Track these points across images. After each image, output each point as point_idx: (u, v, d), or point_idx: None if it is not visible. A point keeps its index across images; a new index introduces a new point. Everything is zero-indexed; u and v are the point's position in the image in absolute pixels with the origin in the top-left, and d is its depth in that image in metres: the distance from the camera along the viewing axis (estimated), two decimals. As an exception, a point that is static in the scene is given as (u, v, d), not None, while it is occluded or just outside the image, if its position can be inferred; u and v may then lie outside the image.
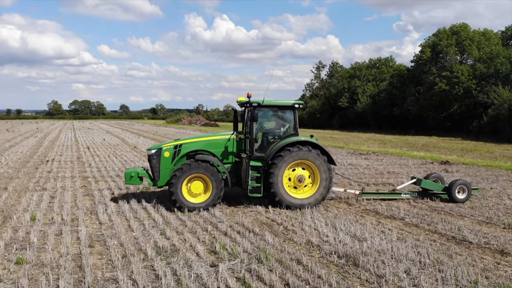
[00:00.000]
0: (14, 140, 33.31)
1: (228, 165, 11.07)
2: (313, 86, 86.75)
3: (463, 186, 11.34)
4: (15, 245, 7.47)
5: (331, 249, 7.39)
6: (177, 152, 10.81)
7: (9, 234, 8.06)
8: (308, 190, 10.69)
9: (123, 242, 7.71)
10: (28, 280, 6.00)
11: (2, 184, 13.46)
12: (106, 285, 5.94)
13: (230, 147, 11.10)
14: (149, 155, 10.81)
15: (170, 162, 10.72)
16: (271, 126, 11.68)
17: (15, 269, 6.43)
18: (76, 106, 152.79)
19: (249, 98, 10.72)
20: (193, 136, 12.55)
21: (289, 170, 10.54)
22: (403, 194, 11.74)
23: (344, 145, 30.77)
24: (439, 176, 12.49)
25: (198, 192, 10.24)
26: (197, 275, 6.27)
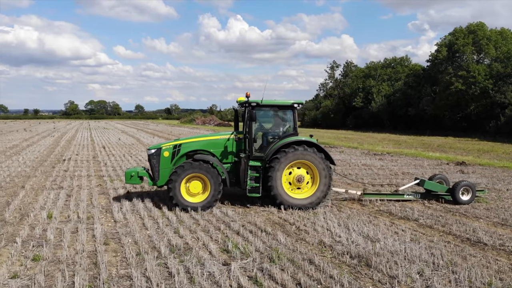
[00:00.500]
0: (31, 140, 33.95)
1: (227, 165, 11.09)
2: (327, 86, 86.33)
3: (467, 187, 11.17)
4: (32, 242, 7.65)
5: (343, 250, 7.38)
6: (177, 152, 10.89)
7: (26, 232, 8.26)
8: (308, 190, 10.64)
9: (138, 240, 7.83)
10: (44, 276, 6.15)
11: (20, 183, 13.76)
12: (120, 282, 6.05)
13: (230, 147, 11.13)
14: (149, 154, 10.92)
15: (169, 162, 10.80)
16: (270, 126, 11.69)
17: (32, 266, 6.59)
18: (92, 106, 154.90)
19: (248, 98, 10.74)
20: (192, 135, 12.63)
21: (288, 170, 10.50)
22: (406, 195, 11.58)
23: (358, 145, 30.58)
24: (443, 177, 12.31)
25: (197, 192, 10.28)
26: (210, 273, 6.33)
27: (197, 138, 11.47)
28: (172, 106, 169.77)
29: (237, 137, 11.06)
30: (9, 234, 8.16)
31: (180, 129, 58.58)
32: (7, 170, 16.27)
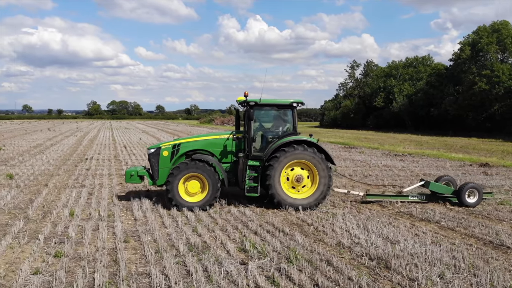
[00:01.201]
0: (55, 139, 34.75)
1: (227, 164, 11.06)
2: (347, 86, 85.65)
3: (473, 189, 10.90)
4: (54, 239, 7.83)
5: (362, 251, 7.29)
6: (176, 151, 10.93)
7: (49, 229, 8.45)
8: (307, 190, 10.53)
9: (157, 238, 7.92)
10: (66, 273, 6.27)
11: (43, 181, 14.10)
12: (139, 279, 6.13)
13: (229, 146, 11.09)
14: (149, 154, 11.00)
15: (168, 161, 10.85)
16: (269, 125, 11.61)
17: (54, 262, 6.74)
18: (114, 106, 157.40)
19: (246, 97, 10.70)
20: (192, 135, 12.66)
21: (287, 170, 10.42)
22: (410, 197, 11.34)
23: (379, 146, 30.22)
24: (450, 178, 12.01)
25: (195, 191, 10.30)
26: (227, 272, 6.36)
27: (196, 137, 11.51)
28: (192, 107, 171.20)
29: (236, 137, 11.04)
30: (32, 231, 8.37)
31: (199, 129, 59.01)
32: (31, 169, 16.70)
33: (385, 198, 11.38)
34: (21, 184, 13.28)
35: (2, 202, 10.68)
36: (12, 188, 12.60)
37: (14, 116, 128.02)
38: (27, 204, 10.57)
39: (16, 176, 14.74)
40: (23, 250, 7.25)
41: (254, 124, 10.89)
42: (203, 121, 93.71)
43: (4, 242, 7.49)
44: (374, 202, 11.26)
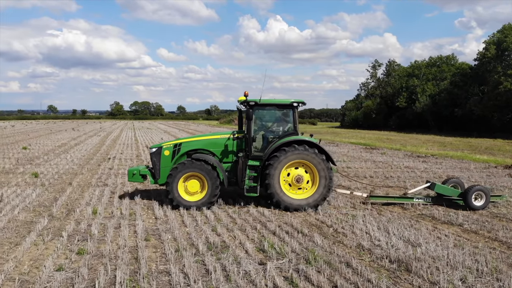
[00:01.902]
0: (79, 139, 35.51)
1: (228, 164, 11.07)
2: (368, 86, 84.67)
3: (481, 192, 10.60)
4: (77, 236, 8.02)
5: (382, 254, 7.21)
6: (177, 151, 11.03)
7: (72, 226, 8.66)
8: (307, 191, 10.43)
9: (177, 236, 8.02)
10: (88, 270, 6.42)
11: (67, 180, 14.44)
12: (159, 277, 6.21)
13: (230, 146, 11.09)
14: (151, 153, 11.14)
15: (170, 161, 10.96)
16: (270, 125, 11.56)
17: (76, 259, 6.89)
18: (137, 107, 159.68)
19: (246, 97, 10.67)
20: (194, 135, 12.72)
21: (286, 170, 10.35)
22: (415, 199, 11.12)
23: (401, 147, 29.76)
24: (458, 181, 11.71)
25: (195, 191, 10.35)
26: (246, 272, 6.38)
27: (197, 137, 11.59)
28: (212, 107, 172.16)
29: (235, 137, 11.05)
30: (56, 228, 8.59)
31: (219, 129, 59.28)
32: (55, 168, 17.13)
33: (389, 199, 11.23)
34: (46, 183, 13.64)
35: (27, 200, 10.99)
36: (37, 187, 12.95)
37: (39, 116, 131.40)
38: (51, 202, 10.85)
39: (41, 175, 15.14)
40: (47, 247, 7.44)
41: (255, 124, 10.92)
42: (223, 121, 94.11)
43: (28, 239, 7.72)
44: (395, 204, 11.10)
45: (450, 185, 11.37)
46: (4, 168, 16.88)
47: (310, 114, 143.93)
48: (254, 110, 10.71)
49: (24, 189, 12.61)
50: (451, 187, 11.19)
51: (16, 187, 12.94)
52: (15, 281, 5.94)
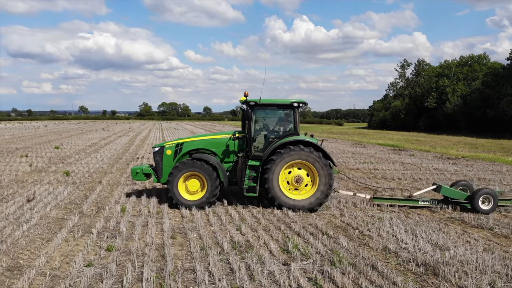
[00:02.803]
0: (109, 139, 36.37)
1: (229, 164, 11.10)
2: (397, 86, 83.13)
3: (488, 196, 10.26)
4: (106, 233, 8.24)
5: (409, 257, 7.08)
6: (179, 150, 11.16)
7: (102, 223, 8.90)
8: (307, 192, 10.33)
9: (202, 235, 8.13)
10: (116, 266, 6.59)
11: (97, 178, 14.83)
12: (185, 275, 6.32)
13: (231, 146, 11.11)
14: (153, 152, 11.31)
15: (172, 160, 11.08)
16: (270, 125, 11.50)
17: (105, 255, 7.09)
18: (164, 108, 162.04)
19: (246, 97, 10.66)
20: (196, 135, 12.80)
21: (287, 170, 10.29)
22: (421, 202, 10.85)
23: (430, 148, 29.07)
24: (467, 184, 11.32)
25: (195, 190, 10.44)
26: (270, 272, 6.40)
27: (199, 137, 11.69)
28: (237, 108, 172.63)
29: (235, 137, 11.07)
30: (86, 226, 8.85)
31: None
32: (86, 166, 17.62)
33: (393, 202, 11.03)
34: (76, 181, 14.06)
35: (59, 197, 11.37)
36: (69, 185, 13.37)
37: (71, 116, 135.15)
38: (82, 200, 11.18)
39: (72, 174, 15.62)
40: (77, 244, 7.68)
41: (257, 124, 10.95)
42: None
43: (60, 235, 7.99)
44: (422, 207, 10.86)
45: (459, 188, 11.09)
46: (37, 167, 17.51)
47: (336, 115, 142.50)
48: (254, 110, 10.76)
49: (56, 187, 13.05)
50: (459, 190, 10.91)
51: (49, 185, 13.40)
52: (46, 276, 6.17)
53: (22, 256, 7.01)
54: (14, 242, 7.66)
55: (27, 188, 12.84)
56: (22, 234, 8.09)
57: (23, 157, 20.86)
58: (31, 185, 13.38)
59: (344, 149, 27.03)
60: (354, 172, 17.01)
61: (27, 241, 7.76)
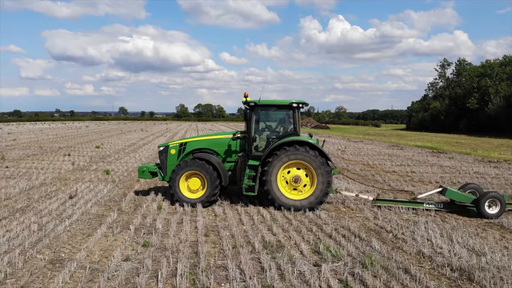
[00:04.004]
0: (147, 139, 37.38)
1: (231, 163, 11.21)
2: (437, 86, 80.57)
3: (495, 199, 9.82)
4: (143, 230, 8.56)
5: (444, 261, 6.94)
6: (182, 150, 11.40)
7: (139, 220, 9.24)
8: (306, 191, 10.28)
9: (234, 234, 8.29)
10: (152, 261, 6.85)
11: (135, 177, 15.32)
12: (217, 272, 6.48)
13: (233, 146, 11.23)
14: (159, 151, 11.60)
15: (176, 159, 11.35)
16: (270, 125, 11.52)
17: (142, 251, 7.37)
18: (200, 109, 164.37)
19: (246, 98, 10.71)
20: (199, 135, 12.94)
21: (285, 170, 10.30)
22: (426, 204, 10.52)
23: (471, 151, 28.02)
24: (477, 187, 10.84)
25: (196, 188, 10.66)
26: (300, 272, 6.45)
27: (202, 137, 11.89)
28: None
29: (235, 137, 11.17)
30: (124, 222, 9.21)
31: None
32: (125, 165, 18.25)
33: (397, 204, 10.80)
34: (116, 179, 14.60)
35: (99, 195, 11.87)
36: (108, 183, 13.92)
37: (111, 117, 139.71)
38: (120, 198, 11.62)
39: (112, 172, 16.22)
40: (115, 239, 8.02)
41: (257, 125, 11.03)
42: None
43: (99, 231, 8.37)
44: (462, 212, 10.56)
45: (467, 191, 10.71)
46: (79, 165, 18.30)
47: (373, 116, 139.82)
48: (255, 110, 10.87)
49: (96, 184, 13.62)
50: (468, 194, 10.54)
51: (89, 183, 14.00)
52: (86, 269, 6.49)
53: (64, 250, 7.40)
54: (56, 236, 8.09)
55: (70, 185, 13.48)
56: (64, 229, 8.53)
57: (66, 156, 21.85)
58: (73, 182, 14.03)
59: (380, 151, 26.56)
60: (390, 174, 16.71)
61: (69, 236, 8.17)
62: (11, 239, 7.85)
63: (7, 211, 9.96)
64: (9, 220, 9.22)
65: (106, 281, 6.06)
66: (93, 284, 6.00)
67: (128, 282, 6.10)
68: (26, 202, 10.94)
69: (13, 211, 10.03)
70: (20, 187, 12.74)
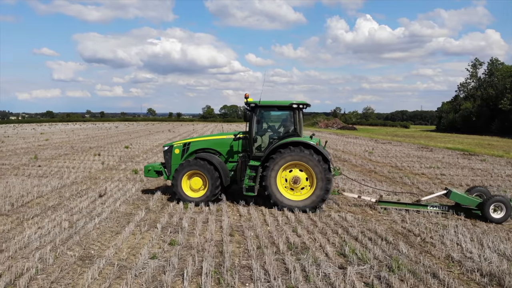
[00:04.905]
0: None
1: (233, 163, 11.28)
2: (468, 86, 78.29)
3: (501, 204, 9.46)
4: (170, 228, 8.70)
5: (473, 266, 6.75)
6: (186, 149, 11.58)
7: (166, 219, 9.40)
8: (305, 192, 10.24)
9: (259, 234, 8.31)
10: (178, 259, 6.95)
11: (162, 177, 15.55)
12: (241, 272, 6.52)
13: (236, 146, 11.32)
14: (163, 151, 11.80)
15: (179, 159, 11.53)
16: (271, 126, 11.51)
17: (168, 249, 7.49)
18: (225, 110, 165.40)
19: (246, 99, 10.71)
20: (202, 135, 13.02)
21: (285, 171, 10.28)
22: (430, 207, 10.26)
23: (504, 153, 27.08)
24: (485, 190, 10.42)
25: (198, 188, 10.82)
26: (325, 274, 6.41)
27: (205, 137, 12.01)
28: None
29: (237, 137, 11.25)
30: (151, 221, 9.39)
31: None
32: (153, 165, 18.54)
33: (400, 206, 10.61)
34: (144, 179, 14.88)
35: (127, 194, 12.13)
36: (137, 182, 14.21)
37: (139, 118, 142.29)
38: (148, 197, 11.84)
39: (140, 172, 16.53)
40: (143, 237, 8.19)
41: (257, 125, 11.09)
42: (306, 124, 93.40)
43: (128, 229, 8.56)
44: None
45: (475, 194, 10.37)
46: (108, 165, 18.76)
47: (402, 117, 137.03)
48: (256, 111, 10.93)
49: (125, 184, 13.93)
50: (475, 197, 10.19)
51: (118, 182, 14.33)
52: (114, 266, 6.65)
53: (93, 247, 7.61)
54: (86, 233, 8.33)
55: (99, 184, 13.83)
56: (93, 227, 8.77)
57: (96, 156, 22.44)
58: (103, 181, 14.39)
59: (409, 153, 26.02)
60: (419, 177, 16.35)
61: (98, 233, 8.40)
62: (42, 235, 8.13)
63: (39, 208, 10.32)
64: (41, 217, 9.56)
65: (133, 278, 6.19)
66: (121, 281, 6.14)
67: (154, 279, 6.22)
68: (57, 200, 11.31)
69: (45, 208, 10.38)
70: (52, 186, 13.17)
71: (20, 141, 33.10)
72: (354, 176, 15.90)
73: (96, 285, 6.00)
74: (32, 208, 10.40)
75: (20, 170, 16.88)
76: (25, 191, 12.26)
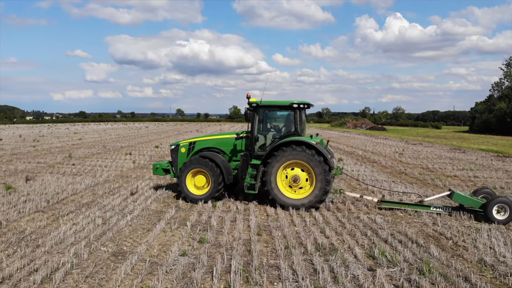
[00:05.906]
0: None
1: (236, 162, 11.43)
2: (502, 86, 75.61)
3: (504, 205, 9.19)
4: (199, 226, 8.86)
5: (507, 271, 6.57)
6: (192, 148, 11.82)
7: (195, 217, 9.57)
8: (305, 191, 10.23)
9: (286, 234, 8.34)
10: (207, 257, 7.08)
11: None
12: (270, 271, 6.57)
13: (239, 145, 11.48)
14: (171, 150, 12.07)
15: (185, 157, 11.78)
16: (272, 125, 11.53)
17: (198, 247, 7.63)
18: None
19: (248, 99, 10.77)
20: (208, 134, 13.04)
21: (285, 170, 10.31)
22: (433, 208, 10.07)
23: (541, 156, 26.03)
24: (490, 192, 10.09)
25: (202, 185, 11.07)
26: (354, 276, 6.38)
27: (210, 136, 12.18)
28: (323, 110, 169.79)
29: (240, 136, 11.32)
30: (181, 218, 9.58)
31: (330, 132, 58.53)
32: (182, 164, 18.86)
33: (402, 206, 10.50)
34: (174, 178, 15.14)
35: (158, 192, 12.40)
36: (167, 181, 14.48)
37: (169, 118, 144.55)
38: (178, 195, 12.06)
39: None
40: (173, 234, 8.37)
41: (260, 125, 11.18)
42: (334, 124, 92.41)
43: (158, 226, 8.77)
44: None
45: (480, 196, 10.10)
46: (139, 164, 19.20)
47: (433, 117, 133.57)
48: (257, 111, 11.02)
49: (156, 182, 14.24)
50: (480, 198, 9.91)
51: (149, 180, 14.66)
52: (146, 262, 6.84)
53: (126, 243, 7.83)
54: (119, 230, 8.58)
55: (131, 182, 14.20)
56: (126, 224, 9.02)
57: (127, 155, 23.00)
58: (134, 180, 14.76)
59: (441, 154, 25.40)
60: (451, 179, 15.95)
61: (130, 230, 8.64)
62: (77, 231, 8.44)
63: (73, 205, 10.70)
64: (76, 214, 9.91)
65: (164, 274, 6.35)
66: (152, 276, 6.31)
67: (184, 276, 6.36)
68: (91, 198, 11.69)
69: (79, 205, 10.75)
70: (86, 184, 13.62)
71: (54, 140, 34.31)
72: (384, 177, 15.67)
73: (129, 280, 6.18)
74: (67, 205, 10.79)
75: (55, 168, 17.52)
76: (60, 189, 12.73)
